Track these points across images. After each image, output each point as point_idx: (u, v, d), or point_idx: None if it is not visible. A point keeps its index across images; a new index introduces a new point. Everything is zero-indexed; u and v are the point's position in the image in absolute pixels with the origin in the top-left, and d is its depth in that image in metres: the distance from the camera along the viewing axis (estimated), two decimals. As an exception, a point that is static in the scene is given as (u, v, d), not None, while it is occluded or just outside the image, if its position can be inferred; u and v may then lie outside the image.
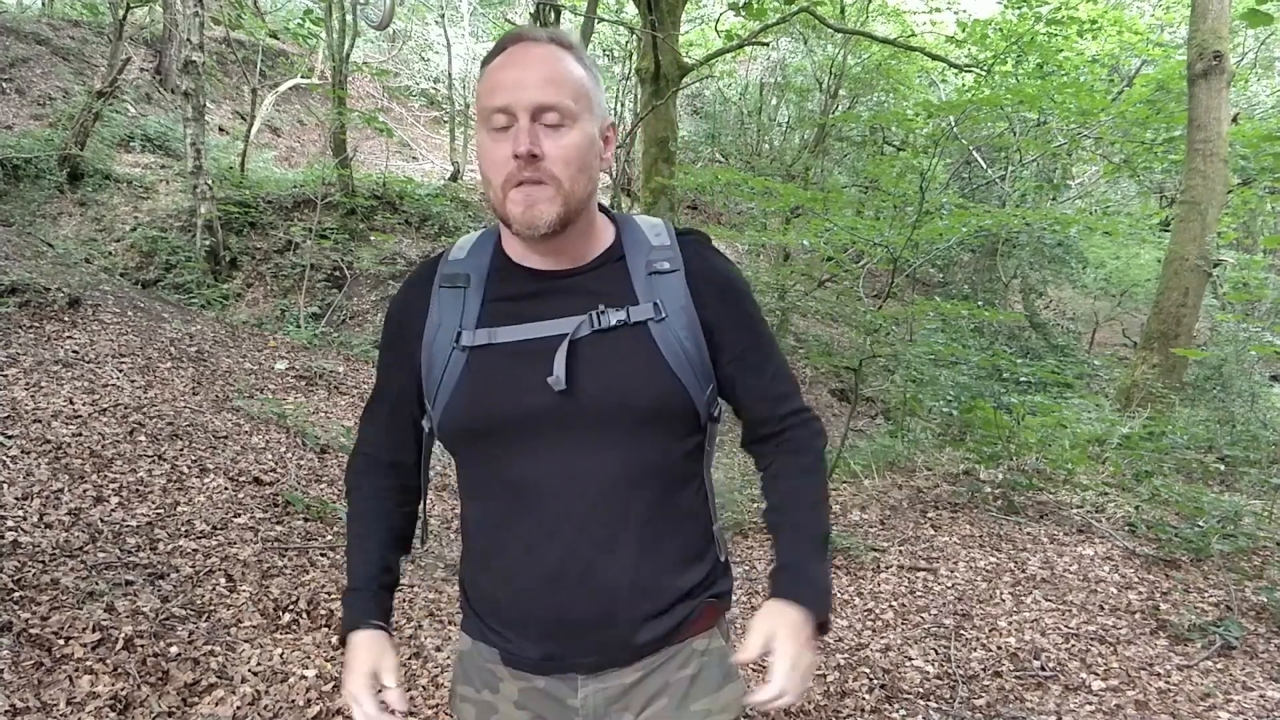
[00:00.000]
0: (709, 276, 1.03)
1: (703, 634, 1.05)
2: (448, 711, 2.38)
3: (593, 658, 1.00)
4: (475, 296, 1.00)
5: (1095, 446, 5.38)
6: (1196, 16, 6.45)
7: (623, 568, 0.97)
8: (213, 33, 10.93)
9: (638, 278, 1.00)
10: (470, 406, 0.98)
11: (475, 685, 1.08)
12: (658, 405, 0.97)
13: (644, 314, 0.98)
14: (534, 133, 0.92)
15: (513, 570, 1.00)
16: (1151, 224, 11.22)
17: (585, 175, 0.96)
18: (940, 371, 6.02)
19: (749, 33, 8.83)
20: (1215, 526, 3.81)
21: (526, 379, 0.96)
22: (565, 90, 0.93)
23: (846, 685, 2.72)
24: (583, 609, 0.98)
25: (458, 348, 0.98)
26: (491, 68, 0.96)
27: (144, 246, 8.80)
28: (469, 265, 1.03)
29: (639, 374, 0.96)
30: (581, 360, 0.96)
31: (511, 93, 0.92)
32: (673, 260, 1.01)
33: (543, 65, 0.93)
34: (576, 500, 0.96)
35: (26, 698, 1.98)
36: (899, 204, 6.91)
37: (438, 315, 1.01)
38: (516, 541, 0.99)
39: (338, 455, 4.38)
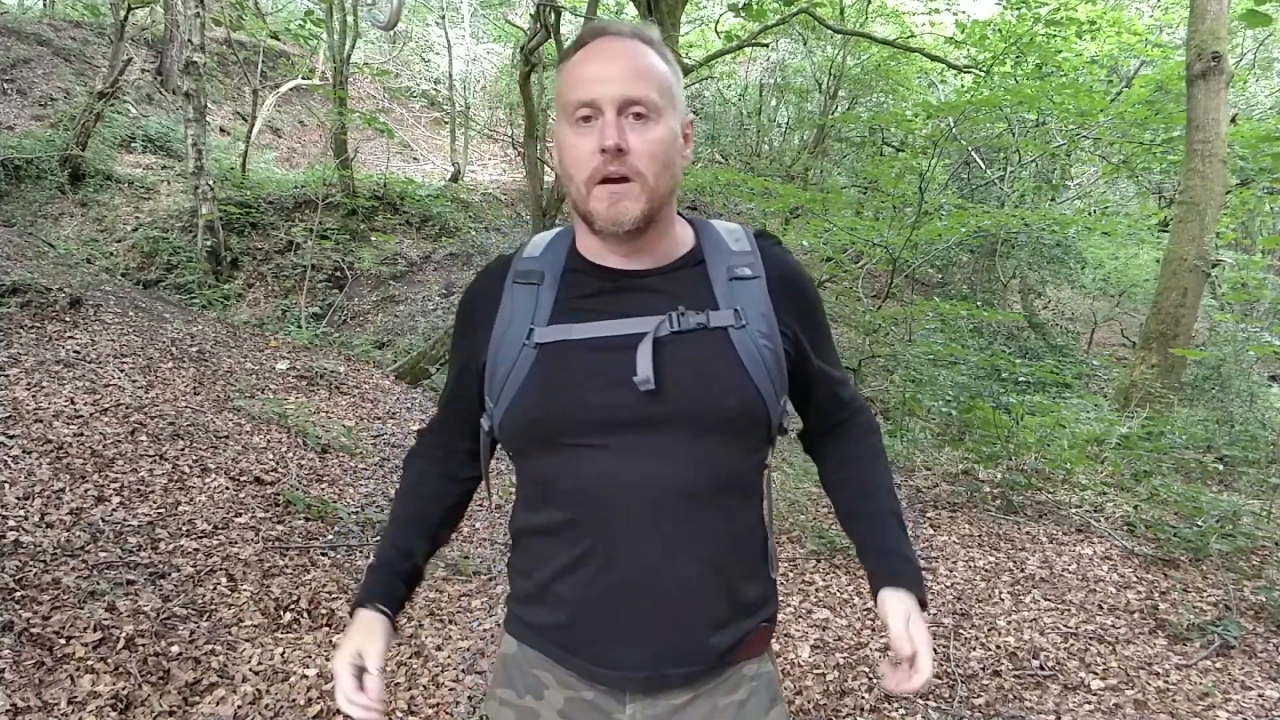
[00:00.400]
0: (790, 283, 1.02)
1: (754, 658, 1.03)
2: (448, 711, 2.39)
3: (648, 673, 0.97)
4: (549, 293, 0.99)
5: (1094, 446, 5.39)
6: (1195, 17, 6.47)
7: (687, 576, 0.95)
8: (214, 34, 10.94)
9: (718, 283, 0.98)
10: (539, 403, 0.96)
11: (518, 690, 1.05)
12: (738, 412, 0.95)
13: (724, 320, 0.96)
14: (620, 126, 0.90)
15: (574, 574, 0.97)
16: (1150, 224, 11.22)
17: (669, 172, 0.94)
18: (939, 371, 6.03)
19: (748, 34, 8.84)
20: (1214, 526, 3.82)
21: (603, 376, 0.94)
22: (651, 84, 0.92)
23: (846, 684, 2.73)
24: (645, 617, 0.95)
25: (528, 344, 0.96)
26: (574, 61, 0.94)
27: (145, 247, 8.81)
28: (544, 262, 1.01)
29: (720, 379, 0.94)
30: (661, 362, 0.93)
31: (597, 86, 0.90)
32: (754, 267, 1.00)
33: (627, 59, 0.92)
34: (643, 506, 0.94)
35: (28, 697, 1.98)
36: (898, 205, 6.92)
37: (510, 310, 0.99)
38: (579, 545, 0.96)
39: (338, 455, 4.39)
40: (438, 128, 15.39)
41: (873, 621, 3.20)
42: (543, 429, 0.96)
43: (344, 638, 1.04)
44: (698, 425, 0.94)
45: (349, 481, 4.11)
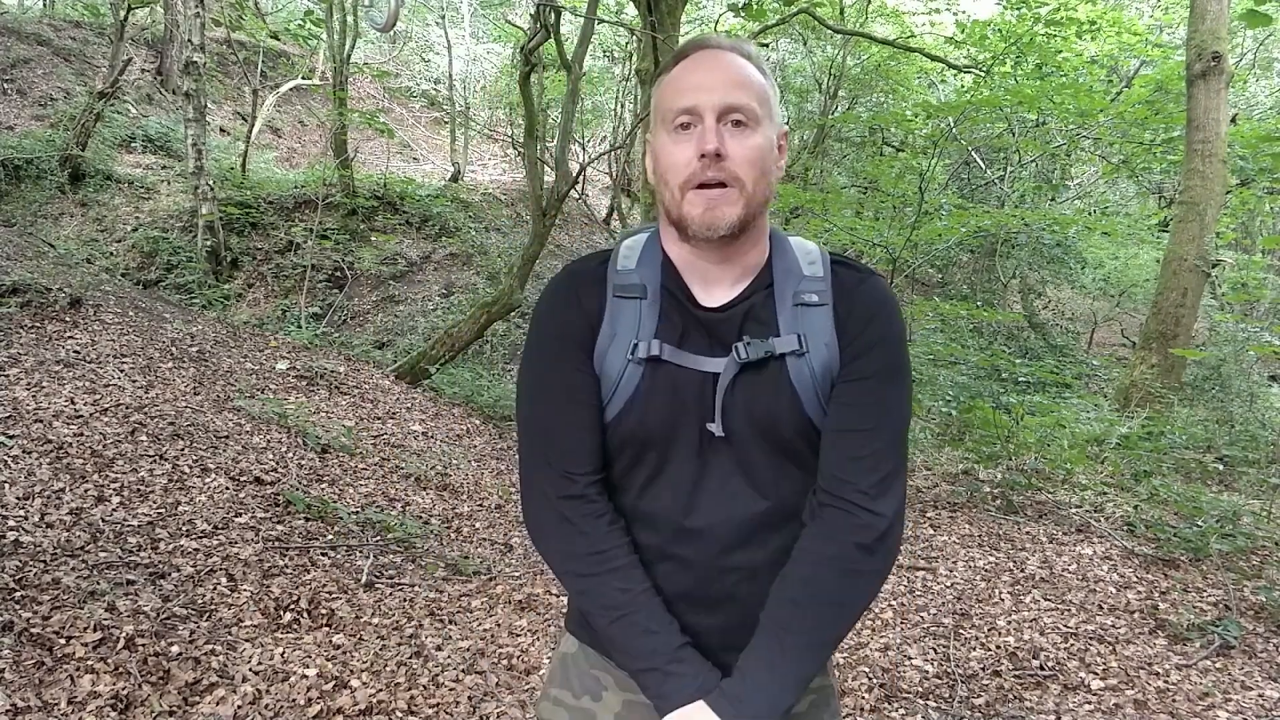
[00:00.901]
0: (859, 318, 0.97)
1: None
2: (448, 711, 2.39)
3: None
4: (651, 311, 0.99)
5: (1094, 446, 5.40)
6: (1195, 17, 6.47)
7: (757, 593, 0.97)
8: (214, 34, 10.95)
9: (783, 308, 0.98)
10: (638, 418, 0.98)
11: (574, 690, 1.06)
12: (793, 440, 0.97)
13: (786, 346, 0.96)
14: (720, 132, 0.92)
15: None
16: (1150, 224, 11.23)
17: (766, 180, 0.95)
18: (939, 371, 6.03)
19: (748, 34, 8.84)
20: (1214, 526, 3.82)
21: (681, 404, 0.97)
22: (750, 93, 0.94)
23: (846, 684, 2.73)
24: (713, 630, 0.98)
25: (634, 360, 0.97)
26: (676, 72, 0.96)
27: (145, 247, 8.81)
28: (642, 274, 1.01)
29: (779, 408, 0.96)
30: (729, 391, 0.96)
31: (698, 94, 0.93)
32: (823, 294, 0.98)
33: (729, 69, 0.95)
34: (717, 525, 0.97)
35: (28, 697, 1.98)
36: (898, 205, 6.92)
37: (613, 325, 0.98)
38: (653, 554, 0.99)
39: (338, 455, 4.39)
40: (438, 128, 15.40)
41: (873, 621, 3.20)
42: (635, 441, 0.98)
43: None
44: (760, 451, 0.97)
45: (349, 481, 4.11)
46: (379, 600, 2.96)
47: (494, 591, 3.26)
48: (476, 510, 4.32)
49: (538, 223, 7.07)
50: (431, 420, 5.65)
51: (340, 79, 10.21)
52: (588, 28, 7.28)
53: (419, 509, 4.09)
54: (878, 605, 3.34)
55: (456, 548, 3.75)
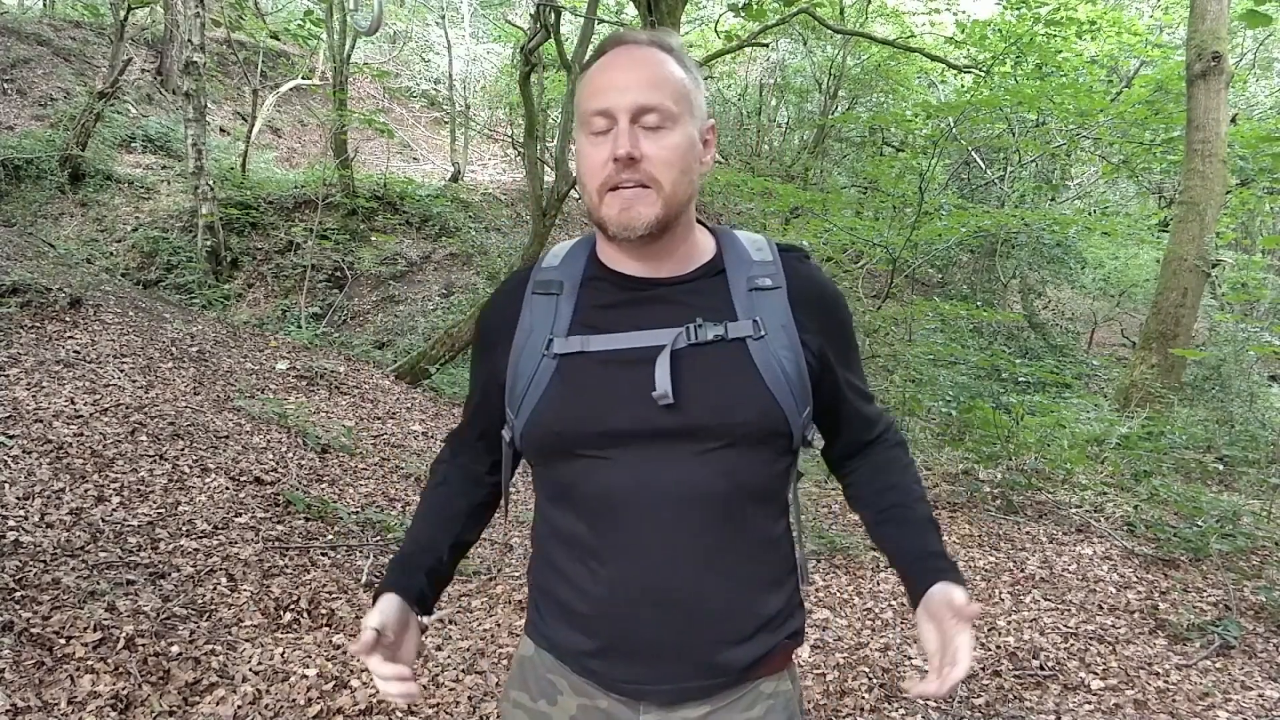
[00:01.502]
0: (812, 295, 1.00)
1: (773, 676, 1.02)
2: (448, 711, 2.39)
3: (669, 686, 0.97)
4: (568, 303, 0.98)
5: (1094, 446, 5.40)
6: (1195, 17, 6.47)
7: (708, 589, 0.95)
8: (214, 34, 10.95)
9: (738, 293, 0.97)
10: (559, 415, 0.95)
11: (531, 693, 1.05)
12: (756, 424, 0.94)
13: (742, 330, 0.95)
14: (634, 135, 0.91)
15: (593, 586, 0.97)
16: (1150, 224, 11.23)
17: (686, 178, 0.94)
18: (939, 371, 6.04)
19: (748, 34, 8.84)
20: (1214, 526, 3.82)
21: (621, 389, 0.93)
22: (666, 92, 0.92)
23: (846, 684, 2.73)
24: (665, 630, 0.95)
25: (548, 355, 0.96)
26: (592, 72, 0.95)
27: (145, 247, 8.82)
28: (563, 272, 1.01)
29: (737, 391, 0.93)
30: (678, 374, 0.92)
31: (612, 95, 0.91)
32: (774, 277, 0.99)
33: (644, 68, 0.93)
34: (664, 518, 0.93)
35: (28, 697, 1.98)
36: (898, 205, 6.93)
37: (529, 322, 0.99)
38: (598, 557, 0.96)
39: (338, 455, 4.39)
40: (438, 128, 15.40)
41: (873, 621, 3.20)
42: (563, 441, 0.96)
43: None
44: (716, 437, 0.93)
45: (349, 481, 4.11)
46: (379, 600, 2.96)
47: (494, 591, 3.26)
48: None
49: (538, 223, 7.07)
50: (431, 420, 5.66)
51: (340, 79, 10.21)
52: (588, 28, 7.29)
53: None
54: (878, 605, 3.34)
55: (456, 548, 3.75)
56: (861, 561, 3.74)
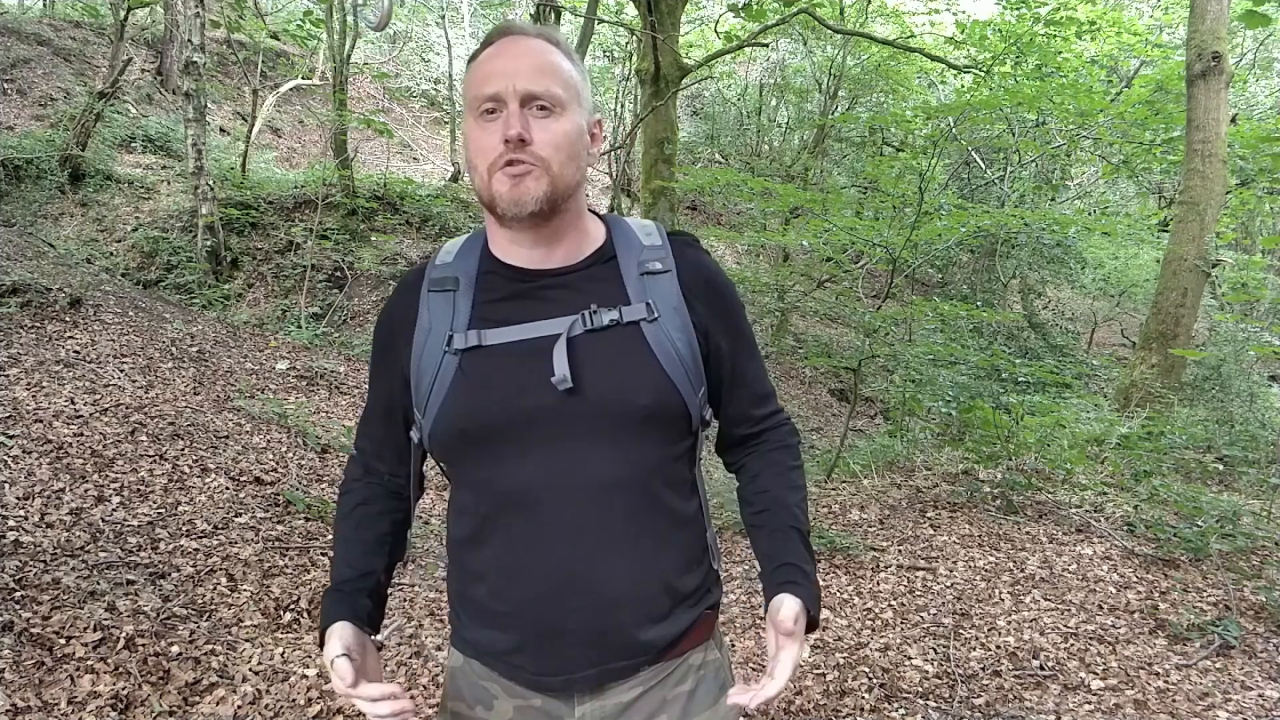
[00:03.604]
0: (700, 278, 1.02)
1: (698, 647, 1.04)
2: (448, 710, 2.39)
3: (594, 670, 0.98)
4: (465, 299, 0.99)
5: (1094, 446, 5.40)
6: (1195, 17, 6.47)
7: (621, 573, 0.96)
8: (214, 34, 10.95)
9: (629, 278, 0.99)
10: (464, 410, 0.96)
11: (468, 701, 1.05)
12: (654, 407, 0.95)
13: (636, 314, 0.97)
14: (524, 118, 0.92)
15: (509, 581, 0.98)
16: (1150, 224, 11.23)
17: (574, 163, 0.95)
18: (939, 371, 6.03)
19: (748, 34, 8.84)
20: (1214, 526, 3.82)
21: (522, 380, 0.94)
22: (554, 79, 0.94)
23: (846, 684, 2.73)
24: (583, 617, 0.96)
25: (449, 351, 0.97)
26: (481, 59, 0.96)
27: (145, 247, 8.82)
28: (457, 268, 1.02)
29: (634, 374, 0.95)
30: (577, 360, 0.94)
31: (501, 80, 0.93)
32: (665, 261, 1.01)
33: (532, 56, 0.94)
34: (573, 505, 0.94)
35: (28, 697, 1.98)
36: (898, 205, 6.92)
37: (427, 320, 0.99)
38: (511, 551, 0.97)
39: (338, 455, 4.39)
40: (438, 128, 15.40)
41: (873, 621, 3.20)
42: (470, 436, 0.97)
43: (325, 653, 0.98)
44: (617, 421, 0.95)
45: (349, 481, 4.11)
46: (379, 600, 2.96)
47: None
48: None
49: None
50: (431, 420, 5.65)
51: (340, 79, 10.21)
52: (588, 28, 7.28)
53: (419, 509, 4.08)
54: (878, 605, 3.34)
55: (456, 548, 3.75)
56: (861, 561, 3.74)
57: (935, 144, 7.76)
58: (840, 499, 4.77)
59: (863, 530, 4.19)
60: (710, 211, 13.01)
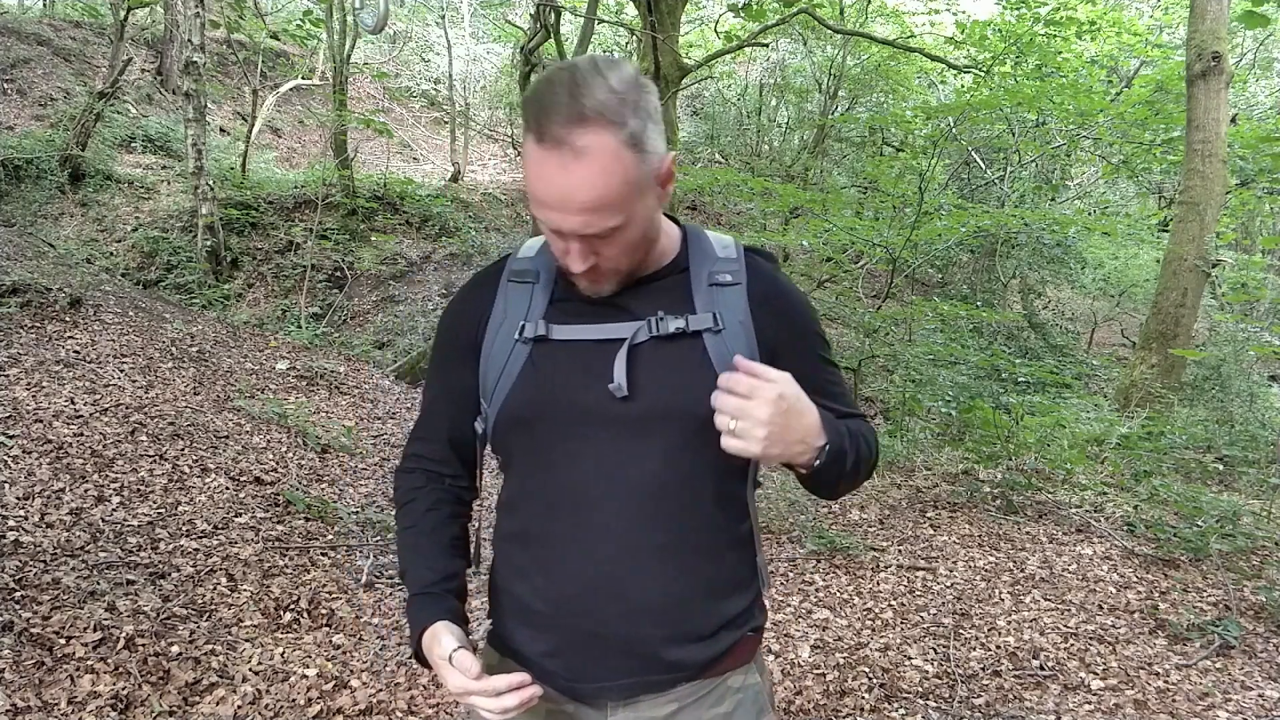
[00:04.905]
0: (770, 294, 1.01)
1: (739, 669, 1.02)
2: (448, 711, 2.39)
3: (626, 679, 0.98)
4: (543, 293, 1.00)
5: (1094, 446, 5.40)
6: (1195, 17, 6.47)
7: (662, 584, 0.95)
8: (214, 34, 10.95)
9: (699, 288, 0.99)
10: (526, 399, 0.97)
11: None
12: (708, 418, 0.92)
13: (702, 324, 0.96)
14: (585, 250, 0.90)
15: (550, 579, 0.98)
16: (1150, 224, 11.23)
17: (646, 241, 0.95)
18: (939, 371, 6.03)
19: (748, 34, 8.84)
20: (1214, 526, 3.82)
21: (584, 379, 0.95)
22: (610, 211, 0.86)
23: (846, 684, 2.73)
24: (618, 625, 0.96)
25: (520, 340, 0.98)
26: (533, 168, 0.86)
27: (145, 247, 8.82)
28: (538, 262, 1.03)
29: (692, 384, 0.94)
30: (639, 366, 0.94)
31: (556, 217, 0.87)
32: (735, 274, 1.00)
33: (584, 191, 0.84)
34: (621, 509, 0.95)
35: (28, 697, 1.98)
36: (898, 205, 6.92)
37: (503, 310, 1.01)
38: (555, 550, 0.97)
39: (338, 455, 4.39)
40: (438, 128, 15.39)
41: (873, 621, 3.20)
42: (527, 427, 0.98)
43: (434, 655, 0.95)
44: (671, 429, 0.94)
45: (349, 481, 4.11)
46: (379, 600, 2.96)
47: (494, 591, 3.26)
48: (476, 510, 4.32)
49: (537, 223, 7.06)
50: (431, 420, 5.65)
51: (340, 79, 10.21)
52: (588, 28, 7.28)
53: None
54: (878, 605, 3.34)
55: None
56: (861, 561, 3.74)
57: (935, 144, 7.76)
58: (840, 499, 4.77)
59: (863, 530, 4.19)
60: (710, 211, 13.00)
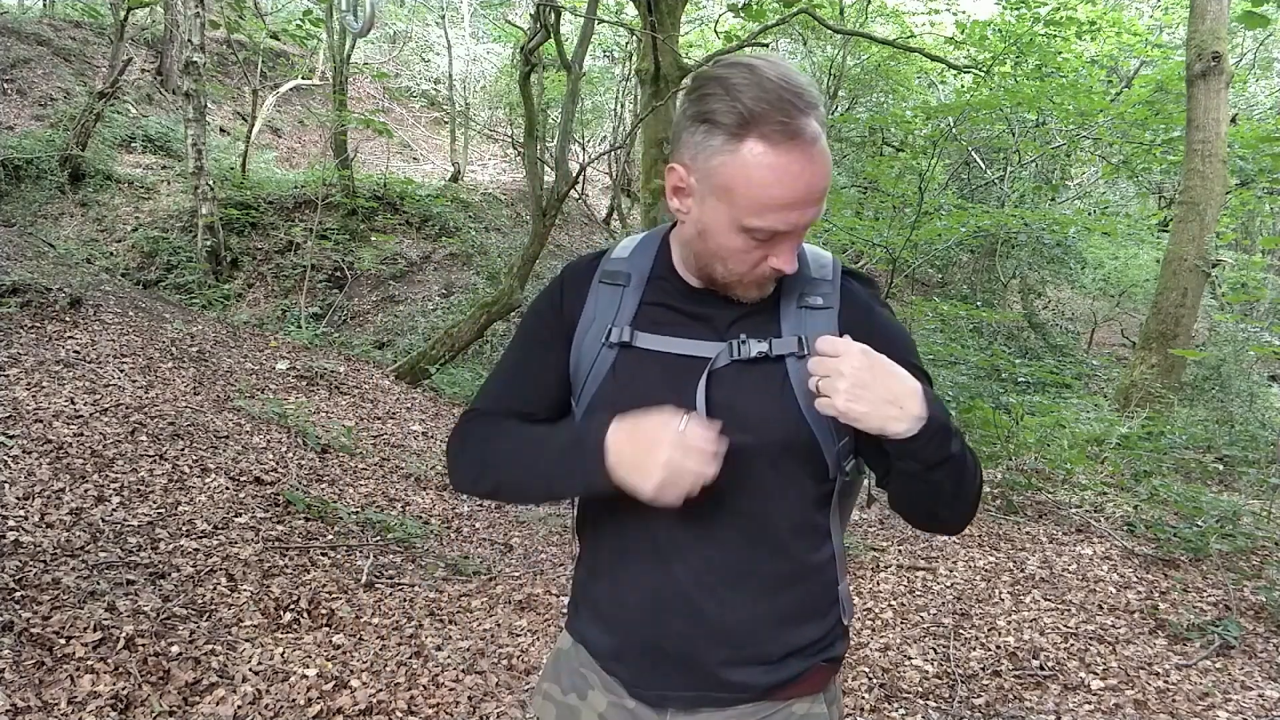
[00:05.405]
0: (863, 320, 0.96)
1: (806, 697, 1.00)
2: (448, 711, 2.39)
3: (688, 693, 0.97)
4: (633, 296, 0.98)
5: (1094, 446, 5.39)
6: (1195, 18, 6.47)
7: (729, 607, 0.95)
8: (214, 34, 10.95)
9: (787, 310, 0.96)
10: (608, 402, 0.95)
11: (563, 687, 1.06)
12: (784, 446, 0.93)
13: (785, 348, 0.94)
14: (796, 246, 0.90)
15: (622, 588, 0.99)
16: (1150, 224, 11.24)
17: None
18: (939, 371, 6.03)
19: (748, 34, 8.84)
20: (1214, 526, 3.82)
21: (664, 395, 0.92)
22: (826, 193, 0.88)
23: (846, 684, 2.73)
24: (679, 642, 0.95)
25: (606, 344, 0.97)
26: (773, 171, 0.83)
27: (145, 247, 8.82)
28: (632, 264, 1.01)
29: (771, 410, 0.92)
30: (719, 388, 0.93)
31: (795, 215, 0.85)
32: (827, 297, 0.97)
33: (825, 174, 0.85)
34: (694, 530, 0.94)
35: (28, 697, 1.98)
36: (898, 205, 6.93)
37: (593, 310, 0.99)
38: (629, 561, 0.98)
39: (338, 455, 4.39)
40: (438, 128, 15.39)
41: (873, 621, 3.20)
42: None
43: (641, 428, 0.86)
44: (748, 454, 0.92)
45: (349, 481, 4.11)
46: (379, 600, 2.96)
47: (494, 591, 3.26)
48: (476, 510, 4.32)
49: (537, 223, 7.07)
50: (431, 420, 5.65)
51: (340, 79, 10.21)
52: (588, 28, 7.28)
53: (419, 509, 4.09)
54: (878, 605, 3.34)
55: (456, 548, 3.75)
56: (861, 561, 3.74)
57: (935, 144, 7.76)
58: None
59: (863, 530, 4.19)
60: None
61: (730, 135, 0.83)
